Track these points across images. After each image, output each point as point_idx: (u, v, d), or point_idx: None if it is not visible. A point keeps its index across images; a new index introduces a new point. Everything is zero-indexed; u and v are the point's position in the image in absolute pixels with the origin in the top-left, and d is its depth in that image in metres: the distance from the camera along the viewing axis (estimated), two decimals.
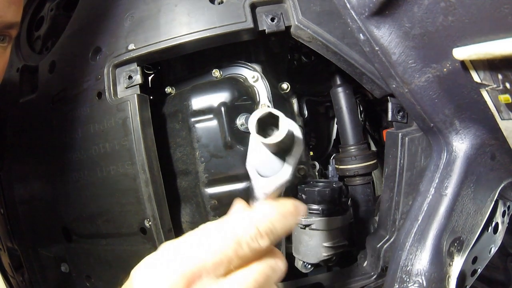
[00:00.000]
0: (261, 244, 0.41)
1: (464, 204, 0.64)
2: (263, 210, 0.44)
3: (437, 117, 0.63)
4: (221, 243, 0.40)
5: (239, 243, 0.40)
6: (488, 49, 0.48)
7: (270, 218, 0.43)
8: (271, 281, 0.43)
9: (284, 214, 0.44)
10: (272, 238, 0.42)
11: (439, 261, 0.62)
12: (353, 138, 0.94)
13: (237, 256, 0.40)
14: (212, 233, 0.42)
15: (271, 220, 0.43)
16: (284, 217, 0.44)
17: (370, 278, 0.79)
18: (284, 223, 0.44)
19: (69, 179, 0.80)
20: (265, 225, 0.42)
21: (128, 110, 0.71)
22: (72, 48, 0.84)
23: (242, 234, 0.41)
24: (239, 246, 0.40)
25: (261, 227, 0.42)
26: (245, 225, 0.42)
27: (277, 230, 0.43)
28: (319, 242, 0.83)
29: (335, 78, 0.95)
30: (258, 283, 0.41)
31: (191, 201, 0.82)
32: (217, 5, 0.74)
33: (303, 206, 0.47)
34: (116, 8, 0.78)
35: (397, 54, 0.60)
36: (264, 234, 0.41)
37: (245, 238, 0.41)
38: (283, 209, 0.44)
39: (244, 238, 0.41)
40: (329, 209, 0.82)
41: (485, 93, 0.55)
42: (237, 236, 0.41)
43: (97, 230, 0.79)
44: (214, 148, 0.78)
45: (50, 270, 0.92)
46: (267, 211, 0.43)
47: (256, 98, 0.81)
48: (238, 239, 0.41)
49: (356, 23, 0.61)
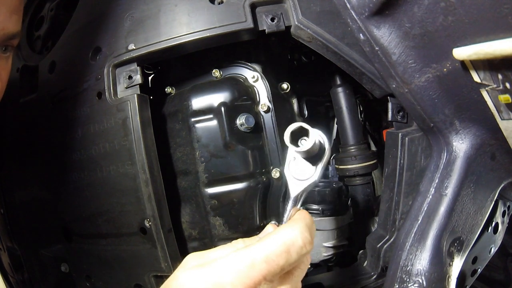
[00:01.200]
0: (308, 249, 0.47)
1: (464, 204, 0.64)
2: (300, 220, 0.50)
3: (437, 117, 0.63)
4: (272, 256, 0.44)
5: (289, 252, 0.45)
6: (488, 49, 0.48)
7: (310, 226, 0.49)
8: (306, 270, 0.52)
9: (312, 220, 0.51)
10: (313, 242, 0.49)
11: (439, 261, 0.62)
12: (353, 138, 0.94)
13: (288, 264, 0.45)
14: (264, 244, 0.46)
15: (310, 227, 0.49)
16: (313, 223, 0.51)
17: (370, 278, 0.79)
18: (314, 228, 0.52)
19: (69, 179, 0.80)
20: (308, 234, 0.47)
21: (128, 110, 0.71)
22: (72, 48, 0.84)
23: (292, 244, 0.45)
24: (289, 255, 0.45)
25: (306, 236, 0.47)
26: (295, 236, 0.46)
27: (313, 234, 0.50)
28: (319, 242, 0.83)
29: (335, 78, 0.95)
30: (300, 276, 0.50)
31: (191, 201, 0.82)
32: (217, 5, 0.74)
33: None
34: (116, 8, 0.78)
35: (397, 54, 0.60)
36: (308, 242, 0.47)
37: (295, 247, 0.45)
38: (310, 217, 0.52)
39: (294, 248, 0.45)
40: (329, 209, 0.82)
41: (485, 93, 0.55)
42: (287, 247, 0.45)
43: (97, 230, 0.79)
44: (214, 148, 0.78)
45: (50, 270, 0.92)
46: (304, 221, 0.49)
47: (256, 98, 0.81)
48: (288, 249, 0.45)
49: (356, 23, 0.61)
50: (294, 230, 0.46)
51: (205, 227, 0.81)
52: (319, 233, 0.82)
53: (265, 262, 0.43)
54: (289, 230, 0.46)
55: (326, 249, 0.83)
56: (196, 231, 0.82)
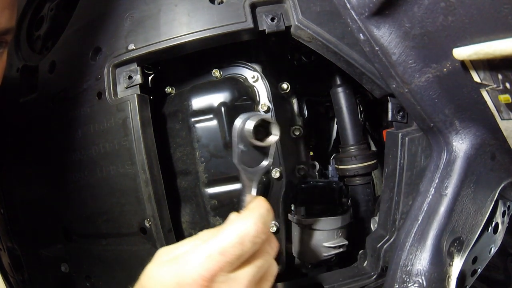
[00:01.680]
0: (262, 238, 0.49)
1: (464, 204, 0.64)
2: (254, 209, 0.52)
3: (437, 117, 0.63)
4: (228, 247, 0.47)
5: (243, 243, 0.48)
6: (488, 49, 0.48)
7: (263, 214, 0.51)
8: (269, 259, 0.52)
9: (267, 208, 0.53)
10: (267, 231, 0.51)
11: (439, 261, 0.62)
12: (353, 138, 0.94)
13: (244, 253, 0.48)
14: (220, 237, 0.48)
15: (264, 216, 0.51)
16: (268, 211, 0.53)
17: (370, 278, 0.79)
18: (270, 216, 0.53)
19: (69, 179, 0.81)
20: (261, 223, 0.50)
21: (128, 110, 0.71)
22: (72, 48, 0.84)
23: (245, 234, 0.48)
24: (244, 245, 0.48)
25: (259, 225, 0.49)
26: (248, 226, 0.49)
27: (268, 223, 0.52)
28: (319, 242, 0.83)
29: (335, 78, 0.95)
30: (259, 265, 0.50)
31: (191, 201, 0.82)
32: (217, 5, 0.74)
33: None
34: (116, 8, 0.78)
35: (397, 54, 0.60)
36: (262, 231, 0.49)
37: (249, 237, 0.48)
38: (266, 205, 0.53)
39: (247, 237, 0.48)
40: (329, 209, 0.82)
41: (485, 93, 0.55)
42: (241, 238, 0.48)
43: (97, 230, 0.79)
44: (214, 148, 0.78)
45: (50, 270, 0.92)
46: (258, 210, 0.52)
47: (256, 98, 0.81)
48: (242, 240, 0.48)
49: (356, 23, 0.61)
50: (248, 221, 0.49)
51: (205, 227, 0.81)
52: (319, 233, 0.82)
53: (221, 254, 0.47)
54: (242, 221, 0.50)
55: (326, 249, 0.83)
56: (196, 231, 0.82)
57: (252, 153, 0.55)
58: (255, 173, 0.56)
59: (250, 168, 0.56)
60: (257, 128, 0.51)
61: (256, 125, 0.51)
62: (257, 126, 0.51)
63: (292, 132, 0.92)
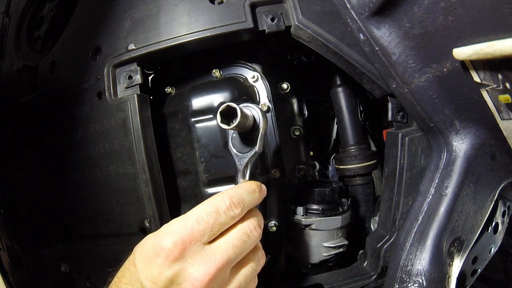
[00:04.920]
0: (235, 211, 0.54)
1: (464, 204, 0.64)
2: (235, 187, 0.58)
3: (437, 117, 0.63)
4: (203, 215, 0.52)
5: (218, 212, 0.53)
6: (488, 49, 0.48)
7: (240, 192, 0.56)
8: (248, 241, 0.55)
9: (250, 190, 0.58)
10: (243, 207, 0.55)
11: (439, 261, 0.62)
12: (353, 138, 0.94)
13: (218, 223, 0.52)
14: (195, 209, 0.54)
15: (240, 193, 0.56)
16: (250, 192, 0.58)
17: (370, 278, 0.79)
18: (251, 196, 0.58)
19: (69, 179, 0.80)
20: (236, 197, 0.55)
21: (128, 110, 0.71)
22: (72, 48, 0.84)
23: (219, 205, 0.53)
24: (218, 214, 0.53)
25: (233, 198, 0.54)
26: (222, 198, 0.54)
27: (245, 201, 0.56)
28: (319, 242, 0.83)
29: (335, 78, 0.95)
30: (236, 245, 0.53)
31: (191, 201, 0.82)
32: (217, 5, 0.74)
33: (264, 187, 0.62)
34: (116, 8, 0.78)
35: (397, 54, 0.60)
36: (236, 203, 0.54)
37: (222, 208, 0.53)
38: (249, 186, 0.59)
39: (221, 208, 0.53)
40: (329, 209, 0.82)
41: (485, 93, 0.55)
42: (215, 207, 0.53)
43: (97, 230, 0.79)
44: (214, 148, 0.78)
45: (50, 270, 0.92)
46: (237, 188, 0.57)
47: (256, 98, 0.81)
48: (217, 209, 0.53)
49: (356, 23, 0.61)
50: (223, 195, 0.55)
51: None
52: (319, 233, 0.82)
53: (196, 221, 0.51)
54: (219, 195, 0.55)
55: (326, 249, 0.83)
56: None
57: (243, 139, 0.63)
58: (245, 158, 0.63)
59: (240, 153, 0.63)
60: (228, 114, 0.57)
61: (223, 111, 0.56)
62: (227, 112, 0.57)
63: (292, 132, 0.92)
